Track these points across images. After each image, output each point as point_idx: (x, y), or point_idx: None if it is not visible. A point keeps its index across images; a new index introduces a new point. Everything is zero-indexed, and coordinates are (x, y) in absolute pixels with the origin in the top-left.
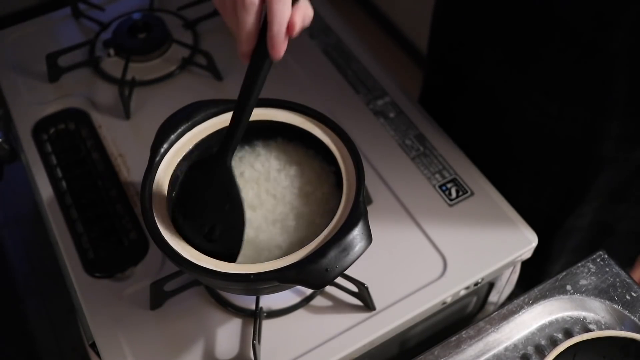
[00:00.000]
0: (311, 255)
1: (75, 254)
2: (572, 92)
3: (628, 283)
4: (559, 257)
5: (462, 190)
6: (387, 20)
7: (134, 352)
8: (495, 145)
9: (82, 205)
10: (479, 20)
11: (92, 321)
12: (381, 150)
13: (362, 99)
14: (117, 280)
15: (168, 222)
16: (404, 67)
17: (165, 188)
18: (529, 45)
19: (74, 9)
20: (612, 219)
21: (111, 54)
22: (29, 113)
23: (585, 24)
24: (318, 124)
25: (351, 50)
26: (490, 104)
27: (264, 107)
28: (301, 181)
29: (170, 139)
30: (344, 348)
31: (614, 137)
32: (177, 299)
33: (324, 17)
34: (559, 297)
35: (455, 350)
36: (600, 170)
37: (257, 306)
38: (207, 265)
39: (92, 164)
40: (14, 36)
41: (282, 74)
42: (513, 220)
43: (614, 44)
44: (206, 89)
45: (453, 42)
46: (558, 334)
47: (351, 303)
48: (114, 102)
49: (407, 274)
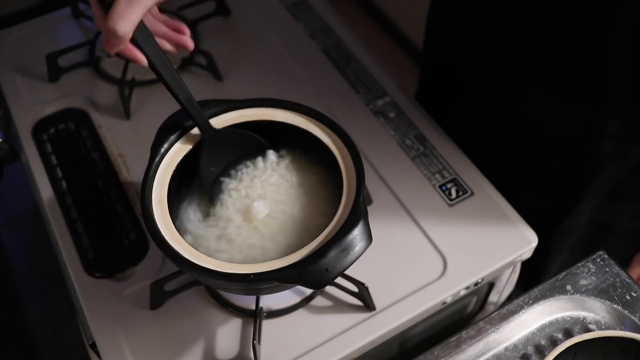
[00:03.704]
0: (311, 255)
1: (75, 254)
2: (571, 91)
3: (628, 283)
4: (558, 256)
5: (462, 190)
6: (387, 20)
7: (134, 352)
8: (494, 143)
9: (82, 205)
10: (477, 19)
11: (92, 321)
12: (381, 150)
13: (362, 99)
14: (117, 280)
15: (168, 222)
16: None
17: (165, 188)
18: (528, 44)
19: (74, 9)
20: (610, 217)
21: (111, 54)
22: (29, 113)
23: (585, 23)
24: (318, 124)
25: (351, 50)
26: (488, 103)
27: (264, 107)
28: (301, 181)
29: (170, 139)
30: (344, 348)
31: (612, 136)
32: (177, 299)
33: (324, 17)
34: (559, 297)
35: (455, 350)
36: (599, 168)
37: (257, 306)
38: (207, 265)
39: (92, 164)
40: (14, 36)
41: (282, 74)
42: (513, 220)
43: (613, 43)
44: (206, 89)
45: (450, 41)
46: (558, 334)
47: (351, 303)
48: (114, 102)
49: (407, 274)
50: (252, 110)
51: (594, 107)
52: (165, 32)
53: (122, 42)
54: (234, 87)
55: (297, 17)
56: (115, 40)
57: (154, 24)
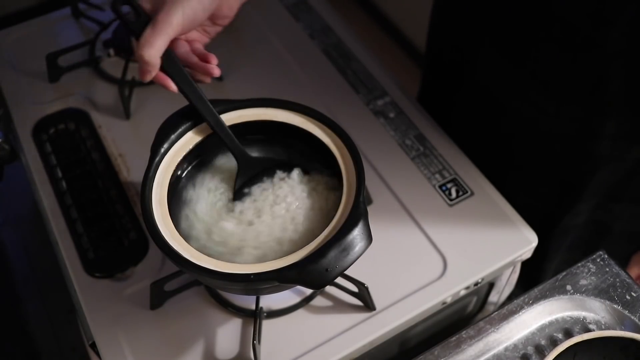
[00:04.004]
0: (311, 255)
1: (75, 254)
2: (569, 91)
3: (628, 283)
4: (556, 255)
5: (462, 190)
6: (387, 20)
7: (134, 352)
8: (492, 143)
9: (82, 205)
10: (477, 18)
11: (92, 321)
12: (381, 150)
13: (362, 99)
14: (117, 280)
15: (168, 222)
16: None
17: (165, 188)
18: (526, 43)
19: (74, 9)
20: (609, 218)
21: (111, 54)
22: (29, 113)
23: (583, 22)
24: (318, 124)
25: (351, 50)
26: (487, 103)
27: (264, 107)
28: (301, 181)
29: (170, 139)
30: (344, 348)
31: (610, 136)
32: (177, 299)
33: (324, 17)
34: (559, 297)
35: (455, 350)
36: (597, 168)
37: (257, 306)
38: (207, 265)
39: (92, 164)
40: (14, 36)
41: (282, 74)
42: (513, 220)
43: (611, 43)
44: (206, 89)
45: (451, 40)
46: (558, 334)
47: (351, 303)
48: (114, 102)
49: (407, 274)
50: (252, 110)
51: (591, 107)
52: (195, 62)
53: (152, 69)
54: (234, 87)
55: (297, 17)
56: (144, 66)
57: (189, 55)
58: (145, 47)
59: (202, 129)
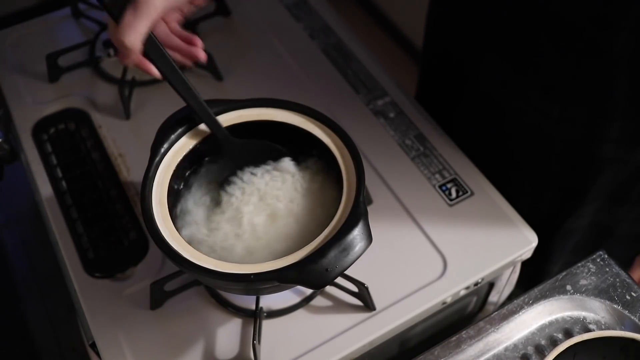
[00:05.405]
0: (311, 255)
1: (75, 254)
2: (573, 94)
3: (628, 283)
4: (559, 258)
5: (462, 190)
6: (387, 20)
7: (134, 352)
8: (495, 146)
9: (82, 205)
10: (477, 20)
11: (92, 321)
12: (381, 150)
13: (362, 99)
14: (117, 280)
15: (168, 222)
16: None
17: (165, 188)
18: (529, 47)
19: (74, 9)
20: (612, 220)
21: (111, 54)
22: (29, 113)
23: (588, 25)
24: (318, 124)
25: (351, 50)
26: (489, 106)
27: (264, 107)
28: (301, 181)
29: (170, 139)
30: (344, 348)
31: (614, 139)
32: (177, 299)
33: (324, 17)
34: (559, 297)
35: (455, 350)
36: (600, 171)
37: (257, 306)
38: (207, 265)
39: (92, 164)
40: (14, 36)
41: (282, 74)
42: (513, 220)
43: (615, 46)
44: (206, 89)
45: (449, 43)
46: (558, 334)
47: (351, 303)
48: (114, 102)
49: (407, 274)
50: (252, 110)
51: (595, 111)
52: (178, 45)
53: (132, 53)
54: (234, 87)
55: (297, 17)
56: (125, 51)
57: (169, 37)
58: (126, 32)
59: (202, 129)
